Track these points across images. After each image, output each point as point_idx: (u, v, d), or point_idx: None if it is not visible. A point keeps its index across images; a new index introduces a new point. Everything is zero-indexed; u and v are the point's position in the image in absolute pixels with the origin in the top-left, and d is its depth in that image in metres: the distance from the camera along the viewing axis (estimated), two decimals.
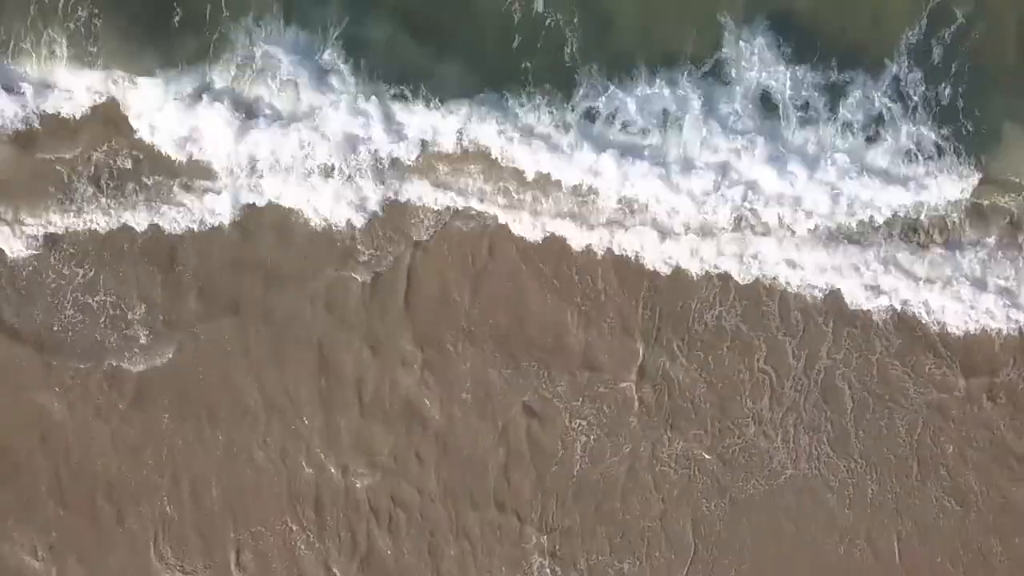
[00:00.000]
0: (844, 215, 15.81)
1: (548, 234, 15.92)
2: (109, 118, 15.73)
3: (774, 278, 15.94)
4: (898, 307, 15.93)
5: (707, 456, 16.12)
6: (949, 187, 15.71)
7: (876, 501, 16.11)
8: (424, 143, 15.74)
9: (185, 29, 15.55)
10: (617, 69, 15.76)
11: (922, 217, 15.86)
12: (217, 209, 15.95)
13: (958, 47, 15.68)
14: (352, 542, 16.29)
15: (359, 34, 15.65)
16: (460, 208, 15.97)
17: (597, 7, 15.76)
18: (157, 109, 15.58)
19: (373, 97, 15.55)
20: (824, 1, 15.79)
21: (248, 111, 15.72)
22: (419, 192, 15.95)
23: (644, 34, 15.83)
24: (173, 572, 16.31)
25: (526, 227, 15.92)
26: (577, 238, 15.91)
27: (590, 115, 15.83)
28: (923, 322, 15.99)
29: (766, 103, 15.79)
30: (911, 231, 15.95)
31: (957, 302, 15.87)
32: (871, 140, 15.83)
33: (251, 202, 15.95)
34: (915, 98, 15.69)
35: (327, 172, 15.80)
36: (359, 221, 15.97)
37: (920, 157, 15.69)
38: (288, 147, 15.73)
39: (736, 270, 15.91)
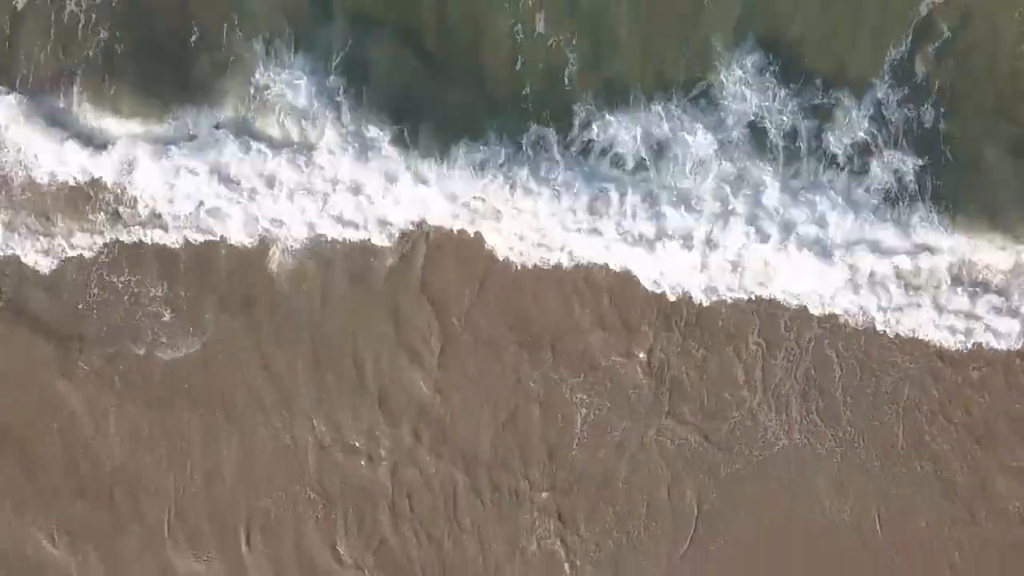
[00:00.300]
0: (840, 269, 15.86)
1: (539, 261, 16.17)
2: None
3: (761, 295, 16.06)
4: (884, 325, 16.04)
5: (702, 428, 16.18)
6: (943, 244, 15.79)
7: (864, 467, 16.08)
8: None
9: (193, 71, 16.07)
10: (611, 100, 15.94)
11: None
12: (235, 233, 16.29)
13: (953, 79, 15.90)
14: (359, 521, 16.42)
15: (362, 68, 15.99)
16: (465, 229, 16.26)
17: (593, 33, 16.00)
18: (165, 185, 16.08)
19: (375, 158, 15.88)
20: (819, 28, 16.00)
21: (258, 142, 16.09)
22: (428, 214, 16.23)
23: (638, 64, 16.03)
24: (187, 558, 16.44)
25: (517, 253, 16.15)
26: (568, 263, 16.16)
27: (585, 150, 15.98)
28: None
29: (757, 132, 15.88)
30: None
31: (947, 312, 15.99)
32: (858, 176, 15.83)
33: (266, 229, 16.30)
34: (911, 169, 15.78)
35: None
36: (375, 238, 16.28)
37: (911, 215, 15.73)
38: (299, 181, 16.10)
39: (726, 285, 16.11)
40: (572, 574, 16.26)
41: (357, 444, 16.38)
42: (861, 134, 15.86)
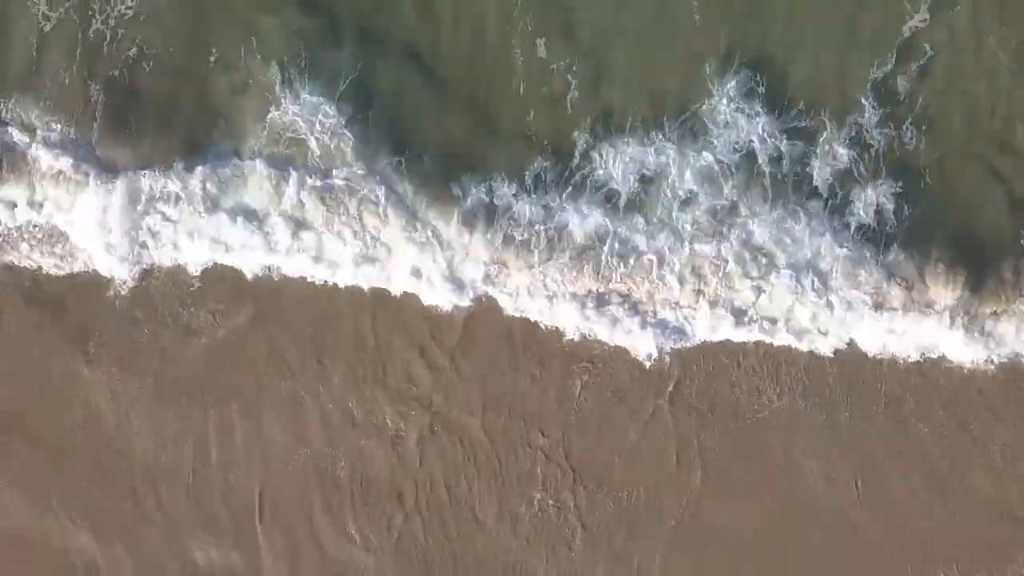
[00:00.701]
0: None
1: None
2: None
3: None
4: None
5: (701, 392, 16.37)
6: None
7: (844, 431, 16.31)
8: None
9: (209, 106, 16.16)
10: (607, 130, 15.92)
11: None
12: (247, 261, 16.43)
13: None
14: (370, 500, 16.64)
15: (364, 101, 16.03)
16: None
17: (590, 64, 15.97)
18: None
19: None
20: (808, 53, 15.96)
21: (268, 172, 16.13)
22: None
23: (631, 94, 15.98)
24: (207, 548, 16.68)
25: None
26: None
27: (580, 187, 15.94)
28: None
29: (750, 161, 15.85)
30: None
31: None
32: (844, 210, 15.83)
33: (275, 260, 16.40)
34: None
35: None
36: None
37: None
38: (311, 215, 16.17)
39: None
40: (575, 537, 16.58)
41: (367, 419, 16.53)
42: (847, 165, 15.82)
